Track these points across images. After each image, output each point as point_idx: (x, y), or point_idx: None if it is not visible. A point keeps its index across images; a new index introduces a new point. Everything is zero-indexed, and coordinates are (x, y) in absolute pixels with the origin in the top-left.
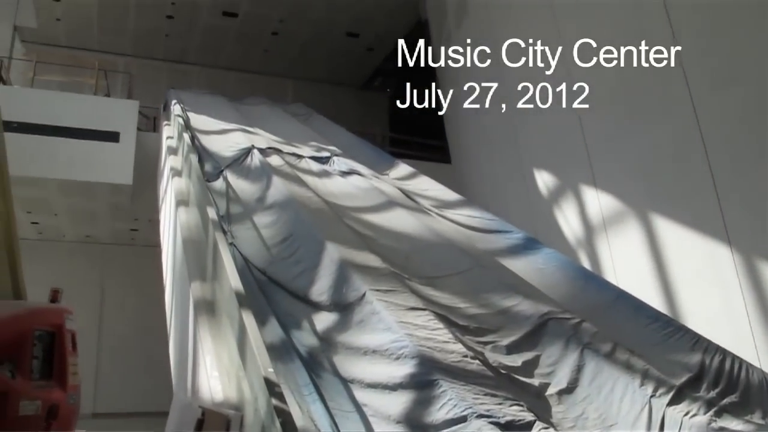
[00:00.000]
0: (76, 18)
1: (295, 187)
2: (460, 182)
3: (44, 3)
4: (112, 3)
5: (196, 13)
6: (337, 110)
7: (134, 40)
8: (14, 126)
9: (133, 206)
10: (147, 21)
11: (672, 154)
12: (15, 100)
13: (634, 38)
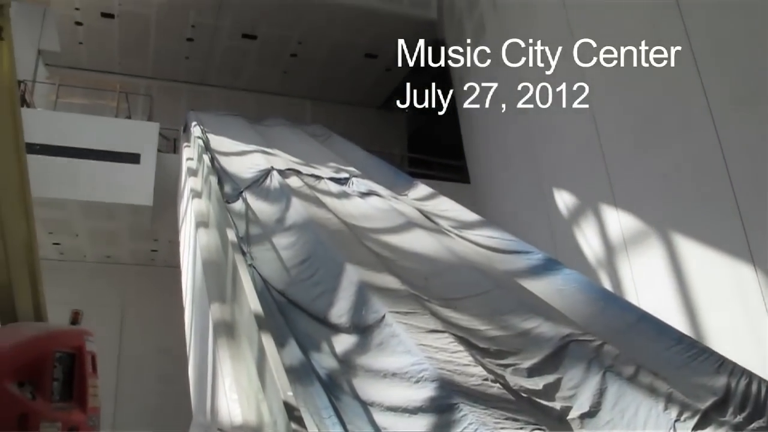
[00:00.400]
0: (98, 41)
1: (314, 209)
2: (480, 202)
3: (67, 27)
4: (133, 27)
5: (216, 35)
6: (356, 130)
7: (155, 62)
8: (37, 148)
9: (153, 227)
10: (167, 44)
11: (693, 173)
12: (38, 123)
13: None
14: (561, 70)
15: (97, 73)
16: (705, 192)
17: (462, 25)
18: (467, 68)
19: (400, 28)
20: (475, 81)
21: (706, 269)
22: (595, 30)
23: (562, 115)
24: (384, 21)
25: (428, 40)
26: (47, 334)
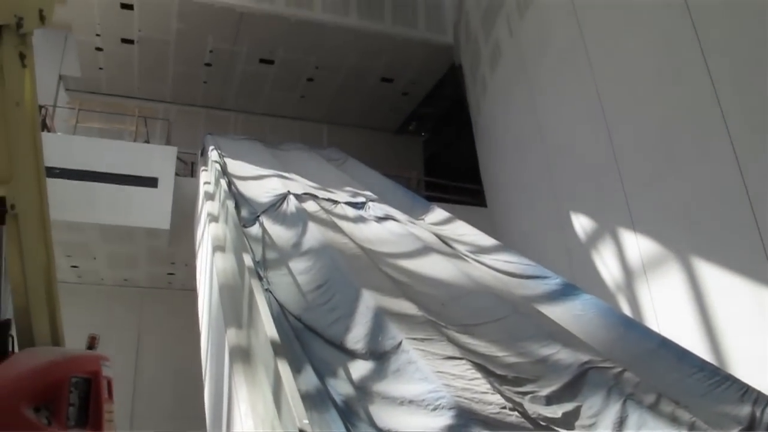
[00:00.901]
0: (118, 67)
1: (330, 233)
2: (497, 226)
3: (88, 53)
4: (152, 52)
5: (234, 60)
6: (372, 154)
7: (173, 87)
8: (57, 172)
9: (170, 250)
10: (186, 69)
11: (712, 197)
12: (58, 147)
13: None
14: (578, 95)
15: (117, 97)
16: (725, 216)
17: (478, 50)
18: (484, 92)
19: (417, 52)
20: (491, 105)
21: (727, 294)
22: (612, 55)
23: (579, 139)
24: (400, 46)
25: (445, 64)
26: (64, 359)
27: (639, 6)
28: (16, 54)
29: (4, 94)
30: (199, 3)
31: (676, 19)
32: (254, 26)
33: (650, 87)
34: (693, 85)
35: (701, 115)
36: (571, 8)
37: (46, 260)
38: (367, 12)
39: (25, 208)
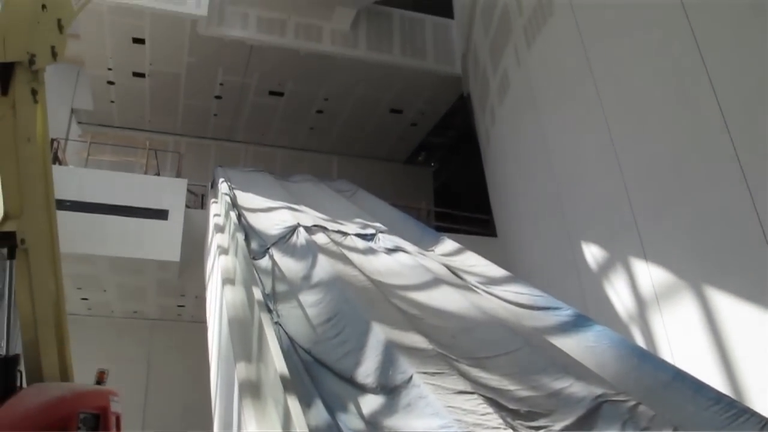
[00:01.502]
0: (129, 100)
1: (340, 266)
2: (507, 256)
3: (100, 86)
4: (163, 85)
5: (244, 93)
6: (382, 185)
7: (184, 119)
8: (68, 204)
9: (180, 282)
10: (196, 101)
11: (724, 224)
12: (69, 180)
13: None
14: (586, 124)
15: (128, 130)
16: (737, 244)
17: (486, 81)
18: (492, 122)
19: (426, 83)
20: (500, 135)
21: (744, 324)
22: (620, 84)
23: (588, 168)
24: (409, 77)
25: (453, 95)
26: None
27: (646, 35)
28: (28, 90)
29: (16, 130)
30: (210, 37)
31: (684, 47)
32: (264, 59)
33: (659, 115)
34: (702, 113)
35: (711, 142)
36: (578, 38)
37: (55, 293)
38: (376, 44)
39: (35, 242)
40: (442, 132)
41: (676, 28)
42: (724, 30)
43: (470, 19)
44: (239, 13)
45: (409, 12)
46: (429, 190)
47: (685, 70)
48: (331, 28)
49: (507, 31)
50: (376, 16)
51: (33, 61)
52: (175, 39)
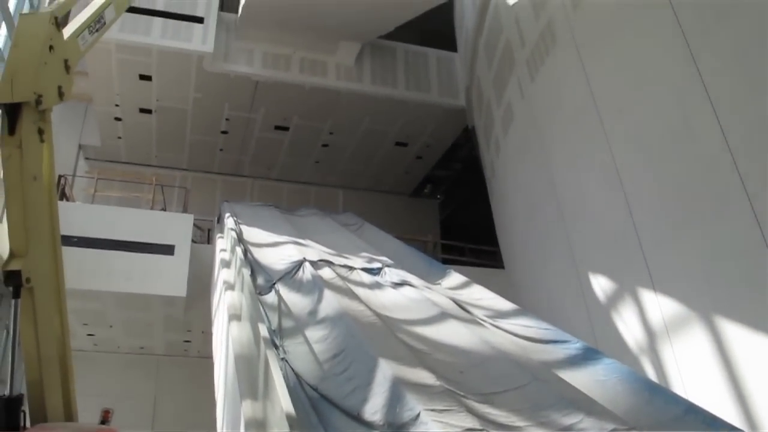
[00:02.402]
0: (136, 136)
1: (346, 301)
2: (514, 288)
3: (107, 123)
4: (170, 121)
5: (250, 127)
6: (388, 218)
7: (190, 154)
8: (74, 240)
9: (187, 318)
10: (202, 137)
11: (733, 254)
12: (76, 216)
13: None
14: (591, 155)
15: (135, 165)
16: (746, 274)
17: (491, 113)
18: (497, 154)
19: (430, 116)
20: (505, 166)
21: (757, 355)
22: (624, 114)
23: (594, 199)
24: (413, 110)
25: (458, 127)
26: None
27: (648, 65)
28: (35, 130)
29: (23, 169)
30: (216, 73)
31: (686, 78)
32: (269, 94)
33: (664, 145)
34: (707, 143)
35: (717, 172)
36: (581, 70)
37: (60, 332)
38: (380, 78)
39: (41, 281)
40: (448, 164)
41: (678, 58)
42: (727, 58)
43: (473, 53)
44: (245, 50)
45: (412, 46)
46: (435, 222)
47: (688, 100)
48: (336, 62)
49: (510, 64)
50: (380, 50)
51: (40, 101)
52: (181, 75)
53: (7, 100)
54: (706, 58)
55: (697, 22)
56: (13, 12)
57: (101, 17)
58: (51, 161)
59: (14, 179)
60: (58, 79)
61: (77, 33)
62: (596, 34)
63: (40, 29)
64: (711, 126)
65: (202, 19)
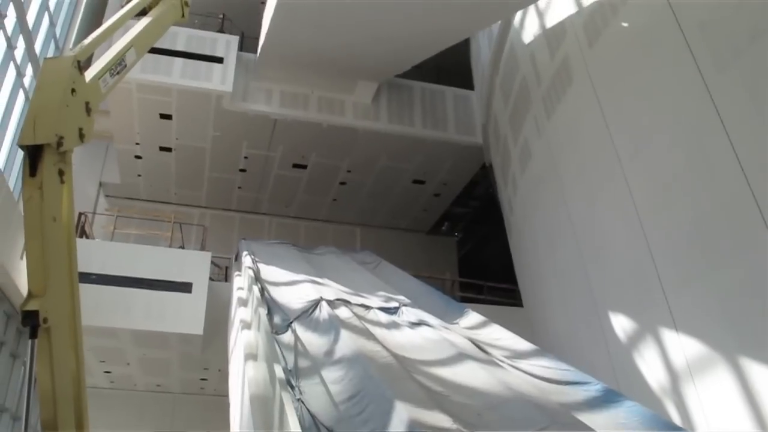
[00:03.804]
0: (156, 174)
1: (363, 341)
2: (534, 326)
3: (128, 161)
4: (189, 159)
5: (268, 166)
6: (406, 256)
7: (209, 192)
8: (93, 277)
9: (204, 355)
10: (221, 175)
11: (755, 291)
12: (95, 253)
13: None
14: (609, 192)
15: (154, 203)
16: None
17: (508, 150)
18: (515, 191)
19: (447, 154)
20: (523, 203)
21: None
22: (641, 151)
23: (612, 237)
24: (431, 148)
25: (475, 164)
26: None
27: (664, 102)
28: (55, 171)
29: (42, 210)
30: (235, 112)
31: (703, 114)
32: (288, 132)
33: (681, 181)
34: (725, 178)
35: (736, 207)
36: (598, 107)
37: (76, 371)
38: (398, 116)
39: (58, 321)
40: (465, 201)
41: (695, 94)
42: (743, 94)
43: (490, 90)
44: (263, 89)
45: (429, 84)
46: (453, 259)
47: (705, 135)
48: (354, 101)
49: (526, 102)
50: (397, 88)
51: (61, 143)
52: (200, 114)
53: (29, 141)
54: (722, 95)
55: (713, 58)
56: (39, 54)
57: (122, 60)
58: (71, 202)
59: (34, 220)
60: (79, 121)
61: (99, 76)
62: (612, 71)
63: (63, 73)
64: (730, 162)
65: (221, 59)
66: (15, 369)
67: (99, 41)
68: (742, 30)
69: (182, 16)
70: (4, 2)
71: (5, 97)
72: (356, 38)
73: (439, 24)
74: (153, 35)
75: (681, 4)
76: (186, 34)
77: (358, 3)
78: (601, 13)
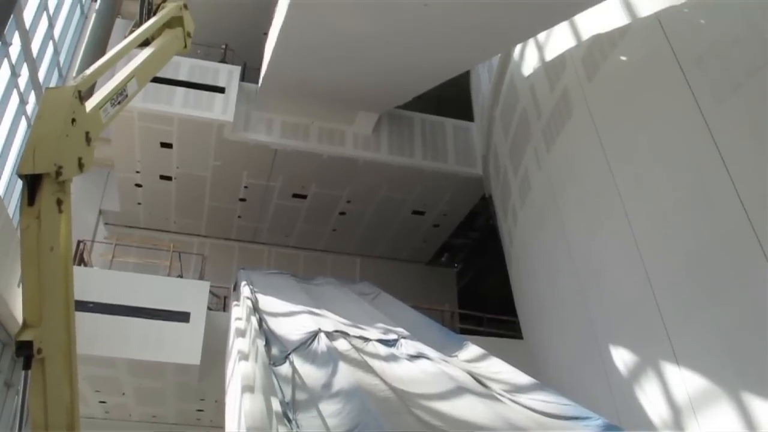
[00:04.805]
0: (156, 202)
1: (361, 374)
2: (534, 359)
3: (128, 189)
4: (189, 188)
5: (268, 195)
6: (405, 286)
7: (208, 221)
8: (90, 306)
9: (200, 386)
10: (221, 204)
11: (756, 325)
12: (93, 282)
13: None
14: (608, 225)
15: (154, 231)
16: None
17: (508, 182)
18: (515, 223)
19: (447, 185)
20: (522, 235)
21: None
22: (641, 184)
23: (612, 269)
24: (431, 179)
25: (475, 195)
26: None
27: (663, 134)
28: (53, 201)
29: (39, 240)
30: (236, 141)
31: (702, 147)
32: (288, 162)
33: (681, 214)
34: (724, 210)
35: (736, 240)
36: (597, 140)
37: (70, 402)
38: (398, 147)
39: (53, 352)
40: (465, 233)
41: (694, 127)
42: (742, 128)
43: (490, 122)
44: (264, 119)
45: (429, 115)
46: (452, 291)
47: (704, 168)
48: (354, 132)
49: (526, 134)
50: (397, 119)
51: (60, 172)
52: (202, 143)
53: (28, 171)
54: (721, 128)
55: (711, 92)
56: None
57: (124, 90)
58: (68, 232)
59: (31, 250)
60: (78, 151)
61: (100, 106)
62: (611, 104)
63: (64, 103)
64: (729, 195)
65: (223, 89)
66: (9, 398)
67: (101, 71)
68: (739, 64)
69: (185, 46)
70: (9, 30)
71: (8, 123)
72: (357, 70)
73: (439, 57)
74: (155, 66)
75: (678, 38)
76: (189, 64)
77: (359, 36)
78: (599, 46)
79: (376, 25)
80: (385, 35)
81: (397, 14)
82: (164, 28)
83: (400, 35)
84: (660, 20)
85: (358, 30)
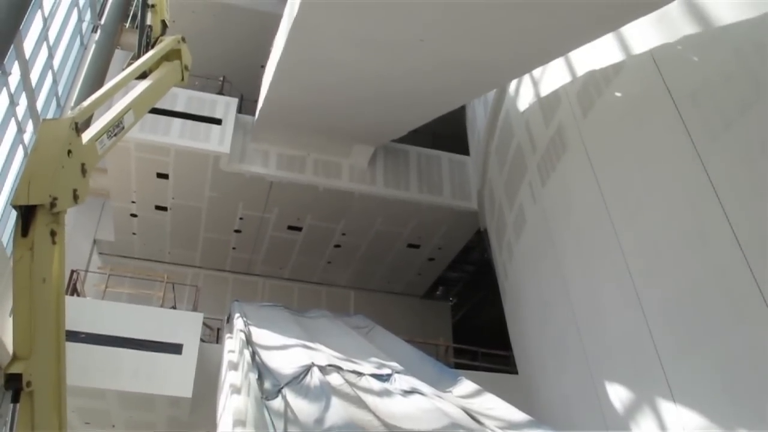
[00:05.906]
0: (151, 232)
1: (353, 409)
2: (529, 394)
3: (123, 219)
4: (184, 219)
5: (263, 227)
6: (400, 320)
7: (203, 252)
8: (82, 336)
9: (192, 419)
10: (216, 235)
11: (754, 363)
12: (86, 312)
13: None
14: (603, 260)
15: (148, 262)
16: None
17: (503, 216)
18: (510, 258)
19: (443, 219)
20: (517, 270)
21: None
22: (636, 220)
23: (607, 305)
24: (426, 212)
25: (470, 229)
26: None
27: (658, 170)
28: (47, 232)
29: (32, 271)
30: (232, 173)
31: (696, 182)
32: (283, 194)
33: (677, 251)
34: (720, 247)
35: (732, 278)
36: (592, 175)
37: None
38: (393, 180)
39: (42, 386)
40: (460, 266)
41: (688, 163)
42: (735, 163)
43: (485, 156)
44: (260, 151)
45: (425, 149)
46: (447, 324)
47: (699, 204)
48: (350, 164)
49: (522, 169)
50: (393, 153)
51: (54, 203)
52: (198, 174)
53: (23, 202)
54: (715, 164)
55: (705, 128)
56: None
57: (120, 122)
58: (62, 263)
59: (23, 281)
60: (74, 183)
61: (96, 137)
62: (606, 140)
63: (60, 135)
64: (723, 230)
65: (220, 120)
66: None
67: (98, 103)
68: (732, 101)
69: (182, 79)
70: (9, 60)
71: (5, 152)
72: (353, 103)
73: (435, 91)
74: (152, 98)
75: (672, 75)
76: (186, 95)
77: (356, 72)
78: (594, 82)
79: (373, 58)
80: (382, 69)
81: (394, 49)
82: (162, 60)
83: (396, 69)
84: (654, 57)
85: (355, 63)
